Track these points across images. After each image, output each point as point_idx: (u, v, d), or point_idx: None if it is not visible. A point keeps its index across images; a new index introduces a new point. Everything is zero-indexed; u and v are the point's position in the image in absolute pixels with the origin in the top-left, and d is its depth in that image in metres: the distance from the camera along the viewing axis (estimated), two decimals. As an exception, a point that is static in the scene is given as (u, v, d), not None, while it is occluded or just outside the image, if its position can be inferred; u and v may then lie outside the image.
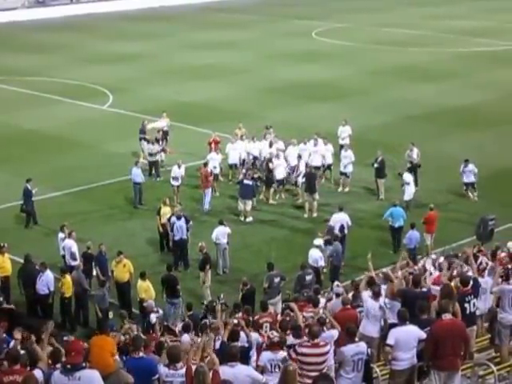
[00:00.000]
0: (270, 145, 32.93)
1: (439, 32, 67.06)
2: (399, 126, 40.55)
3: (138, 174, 31.02)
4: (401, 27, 69.79)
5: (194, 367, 11.82)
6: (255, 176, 31.29)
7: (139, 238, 28.25)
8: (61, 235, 25.22)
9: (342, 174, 32.58)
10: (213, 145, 33.72)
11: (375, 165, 31.47)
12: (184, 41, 65.51)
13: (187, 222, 26.47)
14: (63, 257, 24.92)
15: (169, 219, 26.83)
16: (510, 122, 40.92)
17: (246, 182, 30.40)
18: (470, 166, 31.00)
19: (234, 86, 50.03)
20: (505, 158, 35.71)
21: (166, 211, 27.31)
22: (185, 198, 31.26)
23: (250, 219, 29.80)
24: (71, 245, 24.59)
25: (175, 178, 31.30)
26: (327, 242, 24.92)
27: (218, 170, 32.52)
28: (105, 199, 31.96)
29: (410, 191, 29.86)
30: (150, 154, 33.89)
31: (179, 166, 31.46)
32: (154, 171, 33.76)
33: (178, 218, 26.33)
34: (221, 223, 26.25)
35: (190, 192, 32.03)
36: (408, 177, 30.11)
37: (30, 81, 51.51)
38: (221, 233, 25.94)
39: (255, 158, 33.14)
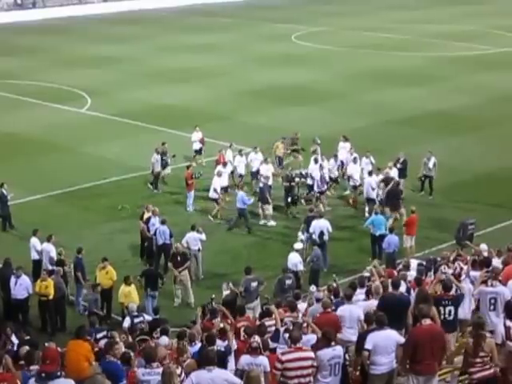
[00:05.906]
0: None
1: (420, 36, 67.35)
2: (378, 130, 40.54)
3: (240, 199, 28.94)
4: (381, 31, 70.00)
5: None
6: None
7: (118, 242, 28.00)
8: (33, 240, 24.91)
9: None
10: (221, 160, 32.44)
11: (398, 165, 31.45)
12: (163, 44, 65.40)
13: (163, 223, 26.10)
14: (35, 262, 24.68)
15: (147, 221, 26.63)
16: (491, 126, 41.10)
17: (260, 184, 30.09)
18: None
19: (213, 89, 49.92)
20: (486, 161, 35.80)
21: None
22: (170, 202, 31.29)
23: (271, 223, 29.49)
24: (50, 249, 24.33)
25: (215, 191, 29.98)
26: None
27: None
28: (83, 202, 31.67)
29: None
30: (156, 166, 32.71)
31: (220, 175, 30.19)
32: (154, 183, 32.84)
33: (162, 222, 26.03)
34: (193, 228, 25.56)
35: (174, 196, 32.03)
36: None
37: (8, 84, 51.11)
38: (191, 238, 25.27)
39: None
